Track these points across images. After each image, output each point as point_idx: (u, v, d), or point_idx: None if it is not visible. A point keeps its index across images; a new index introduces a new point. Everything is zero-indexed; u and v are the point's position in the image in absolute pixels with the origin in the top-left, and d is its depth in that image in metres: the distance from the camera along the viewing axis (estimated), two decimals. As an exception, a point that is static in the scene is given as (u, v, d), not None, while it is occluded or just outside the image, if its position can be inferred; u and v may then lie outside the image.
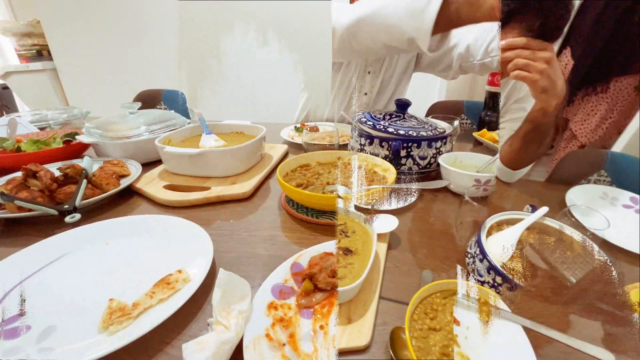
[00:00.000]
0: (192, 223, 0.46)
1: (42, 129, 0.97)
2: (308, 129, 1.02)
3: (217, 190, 0.59)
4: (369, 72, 1.06)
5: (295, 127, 1.03)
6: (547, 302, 0.36)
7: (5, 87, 3.24)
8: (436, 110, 1.18)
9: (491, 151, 0.85)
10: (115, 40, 2.51)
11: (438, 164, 0.65)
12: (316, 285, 0.36)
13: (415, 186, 0.50)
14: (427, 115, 1.24)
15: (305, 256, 0.39)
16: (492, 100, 0.94)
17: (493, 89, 0.92)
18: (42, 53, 2.66)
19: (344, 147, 0.88)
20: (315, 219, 0.51)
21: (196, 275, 0.37)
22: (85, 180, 0.55)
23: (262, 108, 2.55)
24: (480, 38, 0.82)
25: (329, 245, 0.41)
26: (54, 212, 0.48)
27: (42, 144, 0.73)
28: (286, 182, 0.57)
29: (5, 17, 3.18)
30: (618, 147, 0.79)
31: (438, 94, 2.28)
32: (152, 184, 0.62)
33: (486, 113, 0.97)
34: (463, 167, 0.66)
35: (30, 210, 0.49)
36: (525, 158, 0.61)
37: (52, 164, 0.69)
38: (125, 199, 0.61)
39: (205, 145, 0.72)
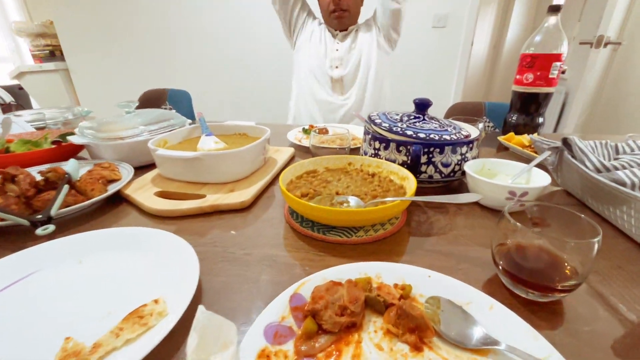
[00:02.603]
0: (179, 239, 0.40)
1: (40, 128, 0.93)
2: (317, 130, 0.96)
3: (212, 199, 0.52)
4: (337, 42, 1.25)
5: (304, 128, 0.97)
6: (611, 352, 0.28)
7: (22, 88, 3.30)
8: (456, 112, 1.09)
9: (520, 157, 0.76)
10: (126, 40, 2.51)
11: (463, 172, 0.57)
12: (320, 326, 0.29)
13: (440, 200, 0.42)
14: (445, 117, 1.16)
15: (308, 285, 0.32)
16: (520, 101, 0.85)
17: (521, 88, 0.84)
18: (54, 53, 2.68)
19: (355, 151, 0.81)
20: (322, 235, 0.44)
21: (176, 307, 0.30)
22: (67, 186, 0.50)
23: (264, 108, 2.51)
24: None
25: (338, 271, 0.34)
26: (25, 222, 0.43)
27: (32, 145, 0.69)
28: (290, 190, 0.50)
29: (22, 18, 3.24)
30: None
31: (454, 95, 2.18)
32: (143, 190, 0.56)
33: (512, 115, 0.89)
34: (491, 176, 0.58)
35: (1, 219, 0.44)
36: None
37: (42, 166, 0.64)
38: (113, 206, 0.55)
39: (204, 147, 0.66)
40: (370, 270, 0.35)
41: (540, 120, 0.85)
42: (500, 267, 0.35)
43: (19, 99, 4.15)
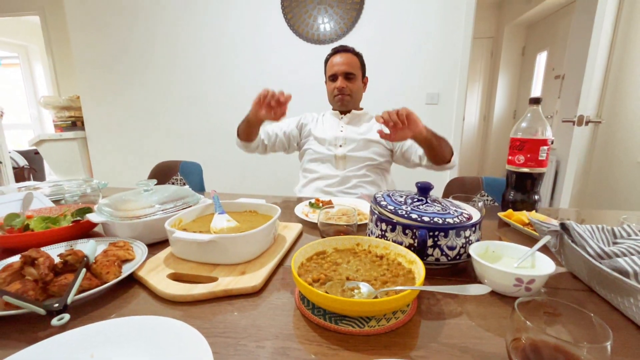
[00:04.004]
0: (196, 332, 0.40)
1: (57, 201, 0.97)
2: (321, 204, 1.00)
3: (225, 283, 0.53)
4: (342, 126, 1.36)
5: (310, 202, 1.01)
6: None
7: (37, 153, 3.47)
8: (454, 187, 1.15)
9: (522, 234, 0.79)
10: (142, 112, 2.73)
11: (468, 255, 0.59)
12: None
13: (450, 291, 0.43)
14: (444, 193, 1.21)
15: (324, 388, 0.32)
16: (515, 180, 0.90)
17: (514, 168, 0.90)
18: (76, 124, 2.89)
19: (362, 227, 0.84)
20: (334, 325, 0.44)
21: (190, 414, 0.30)
22: (84, 270, 0.51)
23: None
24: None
25: (354, 372, 0.34)
26: (41, 311, 0.43)
27: (51, 222, 0.71)
28: (301, 275, 0.52)
29: (51, 93, 3.56)
30: None
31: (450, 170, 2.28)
32: (156, 272, 0.57)
33: (509, 192, 0.93)
34: (496, 259, 0.59)
35: (17, 307, 0.44)
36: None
37: (60, 244, 0.66)
38: (125, 288, 0.55)
39: (217, 226, 0.69)
40: (387, 370, 0.34)
41: (537, 197, 0.89)
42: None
43: (33, 163, 4.33)
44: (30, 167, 4.21)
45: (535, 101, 0.85)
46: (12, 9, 3.40)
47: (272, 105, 1.01)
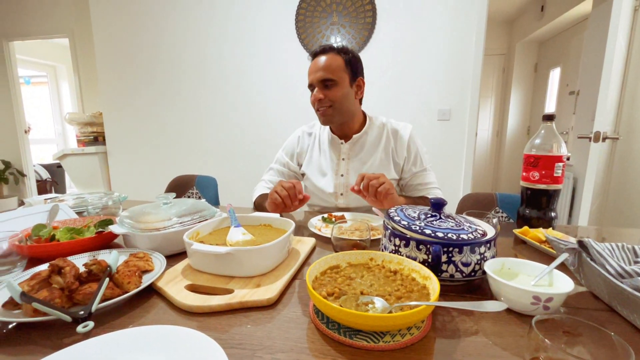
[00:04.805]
0: (213, 342, 0.41)
1: (79, 213, 1.01)
2: (334, 219, 1.00)
3: (240, 295, 0.54)
4: (343, 159, 1.23)
5: (323, 217, 1.02)
6: None
7: (60, 166, 3.61)
8: (468, 203, 1.14)
9: (538, 251, 0.77)
10: (160, 128, 2.83)
11: (483, 271, 0.58)
12: None
13: (465, 306, 0.43)
14: (458, 209, 1.20)
15: (340, 402, 0.32)
16: (530, 196, 0.89)
17: (528, 185, 0.89)
18: (98, 139, 3.01)
19: (375, 242, 0.84)
20: (349, 340, 0.44)
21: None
22: (107, 279, 0.53)
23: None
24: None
25: (369, 386, 0.34)
26: (67, 318, 0.45)
27: (75, 233, 0.74)
28: (315, 288, 0.52)
29: (75, 110, 3.74)
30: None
31: (464, 184, 2.26)
32: (174, 283, 0.58)
33: (524, 209, 0.92)
34: (512, 276, 0.58)
35: (45, 314, 0.46)
36: None
37: (83, 254, 0.69)
38: (144, 298, 0.57)
39: (232, 239, 0.70)
40: (402, 386, 0.34)
41: (553, 214, 0.88)
42: (535, 385, 0.34)
43: (54, 176, 4.51)
44: (52, 180, 4.40)
45: (549, 118, 0.85)
46: (44, 31, 3.63)
47: (289, 204, 0.99)
